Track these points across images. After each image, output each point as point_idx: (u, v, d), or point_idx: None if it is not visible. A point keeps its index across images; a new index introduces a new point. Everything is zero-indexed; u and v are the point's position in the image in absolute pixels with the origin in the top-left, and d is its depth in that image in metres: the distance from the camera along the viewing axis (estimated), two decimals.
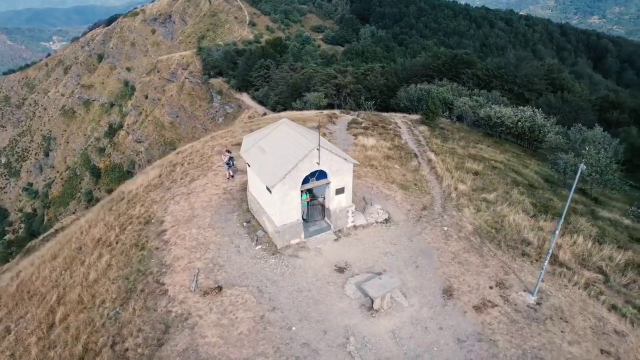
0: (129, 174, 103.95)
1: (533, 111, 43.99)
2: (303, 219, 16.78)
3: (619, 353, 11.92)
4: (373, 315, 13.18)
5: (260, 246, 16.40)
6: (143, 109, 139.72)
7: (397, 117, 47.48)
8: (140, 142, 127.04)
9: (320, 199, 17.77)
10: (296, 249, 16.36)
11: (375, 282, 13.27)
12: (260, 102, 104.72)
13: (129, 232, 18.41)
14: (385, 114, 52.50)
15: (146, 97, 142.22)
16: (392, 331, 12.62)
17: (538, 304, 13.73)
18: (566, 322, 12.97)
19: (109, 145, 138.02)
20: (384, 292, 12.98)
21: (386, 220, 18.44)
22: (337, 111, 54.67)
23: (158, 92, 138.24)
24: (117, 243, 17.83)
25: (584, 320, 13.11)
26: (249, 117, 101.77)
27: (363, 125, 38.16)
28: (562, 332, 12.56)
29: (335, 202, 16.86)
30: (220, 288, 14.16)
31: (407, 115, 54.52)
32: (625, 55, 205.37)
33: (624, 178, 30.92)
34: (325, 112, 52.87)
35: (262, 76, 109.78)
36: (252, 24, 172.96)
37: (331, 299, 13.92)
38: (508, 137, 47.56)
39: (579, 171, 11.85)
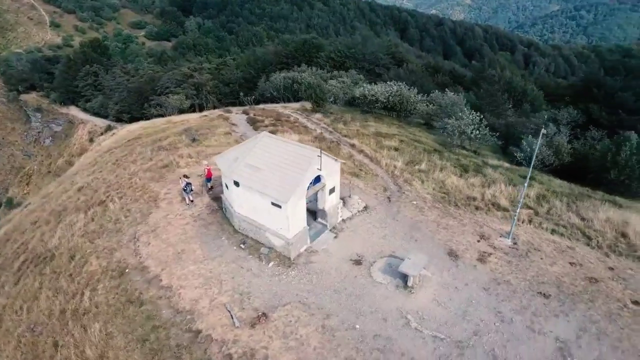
0: None
1: (399, 86, 50.32)
2: None
3: (579, 261, 16.21)
4: (411, 292, 14.78)
5: (272, 263, 16.17)
6: None
7: (281, 109, 48.47)
8: None
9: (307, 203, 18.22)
10: (307, 255, 16.69)
11: (408, 263, 14.82)
12: (97, 114, 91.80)
13: (103, 291, 15.77)
14: (269, 107, 53.00)
15: None
16: (433, 300, 14.46)
17: (515, 244, 17.37)
18: (539, 250, 16.86)
19: None
20: (419, 269, 14.67)
21: (365, 208, 20.03)
22: (218, 111, 52.69)
23: None
24: (96, 307, 15.17)
25: (547, 246, 17.23)
26: (89, 132, 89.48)
27: (266, 122, 38.34)
28: (541, 259, 16.35)
29: (329, 202, 17.61)
30: (264, 314, 13.76)
31: (286, 105, 56.15)
32: (422, 25, 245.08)
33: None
34: (209, 113, 50.32)
35: (91, 84, 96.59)
36: (56, 25, 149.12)
37: (368, 290, 14.96)
38: (381, 111, 53.24)
39: (540, 134, 15.42)
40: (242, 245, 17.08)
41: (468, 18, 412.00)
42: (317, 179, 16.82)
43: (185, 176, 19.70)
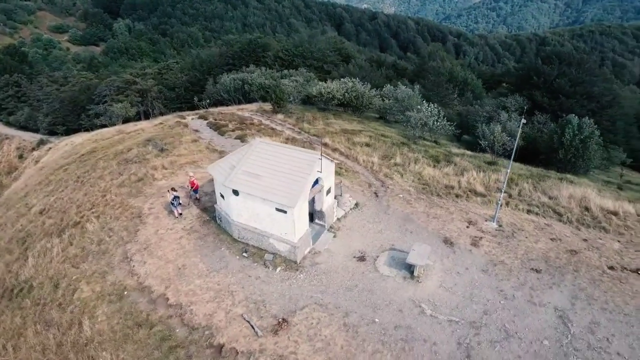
0: None
1: (353, 82, 51.44)
2: None
3: (558, 236, 17.91)
4: (418, 281, 15.54)
5: (279, 268, 16.20)
6: None
7: (238, 111, 47.76)
8: None
9: None
10: (311, 257, 16.89)
11: (414, 254, 15.54)
12: (25, 128, 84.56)
13: (104, 317, 14.93)
14: (225, 110, 51.98)
15: None
16: (440, 286, 15.33)
17: (500, 226, 18.76)
18: (522, 230, 18.37)
19: None
20: (425, 259, 15.45)
21: (356, 205, 20.57)
22: (173, 117, 50.60)
23: None
24: (100, 335, 14.34)
25: (528, 225, 18.82)
26: (17, 148, 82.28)
27: (230, 127, 37.69)
28: (526, 237, 17.85)
29: (326, 203, 17.92)
30: (285, 320, 13.82)
31: (242, 106, 55.40)
32: (357, 20, 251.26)
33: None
34: (164, 120, 48.15)
35: (14, 96, 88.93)
36: None
37: (378, 284, 15.51)
38: (337, 108, 54.02)
39: (520, 124, 16.78)
40: (244, 254, 16.91)
41: (398, 11, 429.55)
42: (316, 181, 17.04)
43: (173, 189, 19.01)
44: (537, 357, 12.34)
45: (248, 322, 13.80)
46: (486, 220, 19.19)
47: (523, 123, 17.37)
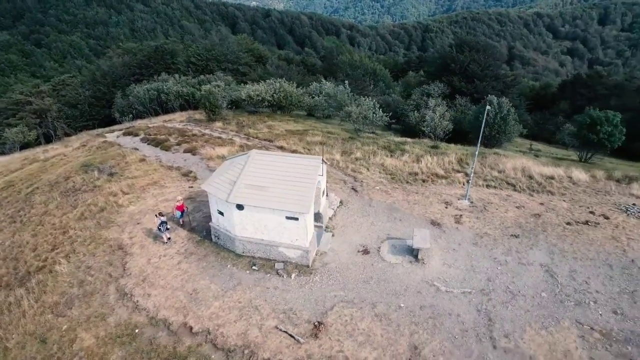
0: None
1: (280, 82, 51.86)
2: None
3: (521, 204, 20.72)
4: (424, 263, 16.96)
5: (294, 274, 16.41)
6: None
7: (167, 123, 45.28)
8: None
9: None
10: (319, 259, 17.34)
11: (417, 239, 16.88)
12: None
13: (122, 358, 13.83)
14: (152, 124, 48.93)
15: None
16: (444, 264, 16.93)
17: (472, 203, 21.07)
18: (491, 203, 20.90)
19: None
20: (428, 242, 16.89)
21: (341, 203, 21.39)
22: (87, 136, 46.12)
23: None
24: None
25: (493, 198, 21.43)
26: None
27: (172, 140, 35.81)
28: (496, 209, 20.37)
29: (323, 204, 18.45)
30: (320, 322, 14.19)
31: (166, 117, 52.69)
32: (250, 18, 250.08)
33: None
34: (86, 142, 43.68)
35: None
36: None
37: (390, 272, 16.59)
38: (265, 110, 53.73)
39: (485, 110, 19.01)
40: (254, 267, 16.75)
41: (288, 6, 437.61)
42: None
43: (161, 214, 17.88)
44: (541, 308, 14.50)
45: (285, 332, 13.89)
46: (459, 199, 21.41)
47: (488, 109, 19.77)
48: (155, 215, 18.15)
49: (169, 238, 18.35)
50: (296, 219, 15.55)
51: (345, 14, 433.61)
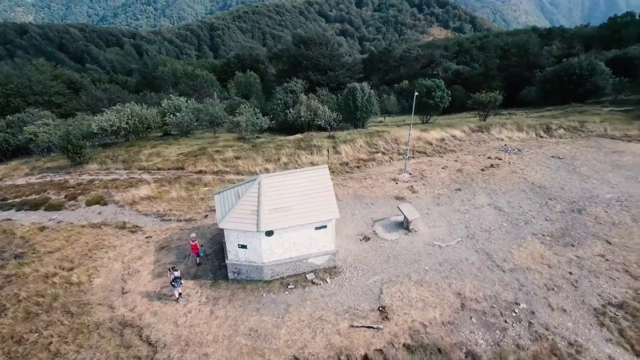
0: None
1: (130, 108, 46.84)
2: None
3: (443, 165, 25.97)
4: (415, 231, 20.21)
5: (329, 279, 17.40)
6: None
7: (6, 178, 36.15)
8: None
9: None
10: (337, 254, 18.67)
11: (408, 212, 19.90)
12: None
13: None
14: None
15: None
16: (430, 227, 20.54)
17: (410, 174, 25.30)
18: (423, 170, 25.49)
19: None
20: (416, 212, 20.11)
21: None
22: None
23: None
24: None
25: (420, 166, 26.10)
26: None
27: (61, 198, 29.53)
28: (430, 174, 25.05)
29: None
30: (382, 307, 15.88)
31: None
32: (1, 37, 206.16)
33: None
34: None
35: None
36: None
37: (397, 247, 19.23)
38: (120, 139, 48.20)
39: (414, 97, 22.98)
40: (290, 286, 16.98)
41: (39, 18, 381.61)
42: None
43: (174, 268, 15.90)
44: (509, 233, 19.61)
45: (362, 326, 15.14)
46: (400, 174, 25.40)
47: (416, 95, 23.87)
48: (168, 269, 16.11)
49: (180, 294, 16.59)
50: (325, 227, 16.55)
51: (116, 21, 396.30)
